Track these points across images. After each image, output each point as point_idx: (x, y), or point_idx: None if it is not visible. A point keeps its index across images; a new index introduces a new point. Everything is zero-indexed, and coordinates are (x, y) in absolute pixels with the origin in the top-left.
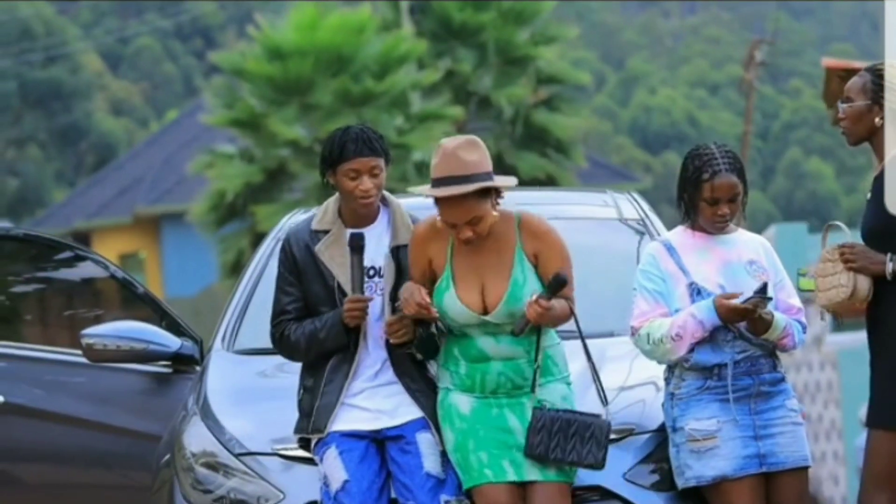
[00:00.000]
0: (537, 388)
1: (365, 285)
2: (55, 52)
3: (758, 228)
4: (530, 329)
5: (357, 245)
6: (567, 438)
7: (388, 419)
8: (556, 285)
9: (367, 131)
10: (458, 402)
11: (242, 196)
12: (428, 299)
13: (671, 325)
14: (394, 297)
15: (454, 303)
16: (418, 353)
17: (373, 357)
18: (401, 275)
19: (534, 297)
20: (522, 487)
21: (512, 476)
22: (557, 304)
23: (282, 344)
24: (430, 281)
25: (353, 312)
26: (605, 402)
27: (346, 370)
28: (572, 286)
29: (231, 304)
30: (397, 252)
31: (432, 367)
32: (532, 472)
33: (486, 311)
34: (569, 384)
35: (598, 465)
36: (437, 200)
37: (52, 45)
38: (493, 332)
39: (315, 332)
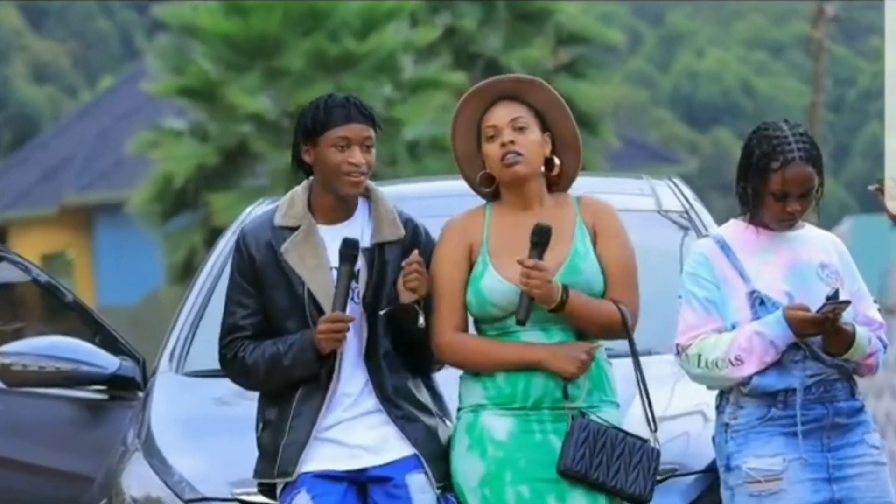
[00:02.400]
0: (582, 398)
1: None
2: None
3: (829, 222)
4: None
5: (350, 254)
6: (612, 459)
7: (372, 457)
8: (537, 236)
9: (357, 98)
10: (493, 427)
11: (194, 182)
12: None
13: (730, 346)
14: (374, 298)
15: (494, 282)
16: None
17: (350, 380)
18: (382, 274)
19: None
20: None
21: None
22: (601, 304)
23: (234, 368)
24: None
25: (331, 335)
26: (653, 427)
27: (320, 401)
28: (635, 291)
29: (181, 315)
30: (381, 250)
31: (420, 392)
32: None
33: None
34: (618, 407)
35: (646, 497)
36: (492, 105)
37: None
38: (543, 323)
39: (278, 356)
